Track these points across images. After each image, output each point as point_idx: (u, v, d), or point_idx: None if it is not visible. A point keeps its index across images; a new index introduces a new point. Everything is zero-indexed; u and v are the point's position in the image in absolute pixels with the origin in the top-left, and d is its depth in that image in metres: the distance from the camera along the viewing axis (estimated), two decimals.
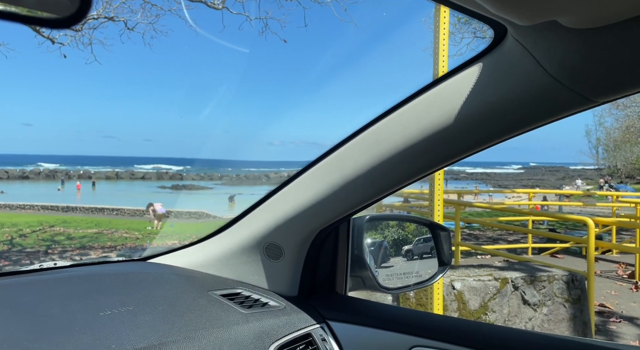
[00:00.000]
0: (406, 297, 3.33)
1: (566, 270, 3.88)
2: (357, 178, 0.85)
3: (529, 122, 0.69)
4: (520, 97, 0.66)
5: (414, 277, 1.26)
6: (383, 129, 0.81)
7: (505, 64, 0.66)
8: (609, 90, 0.62)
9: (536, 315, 3.57)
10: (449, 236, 1.24)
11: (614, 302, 4.83)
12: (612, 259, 7.26)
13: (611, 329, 4.07)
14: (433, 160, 0.78)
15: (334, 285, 1.04)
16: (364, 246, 1.10)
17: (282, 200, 0.96)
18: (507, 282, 3.59)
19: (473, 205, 6.40)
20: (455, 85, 0.72)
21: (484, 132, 0.72)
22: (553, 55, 0.60)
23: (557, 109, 0.66)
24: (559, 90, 0.63)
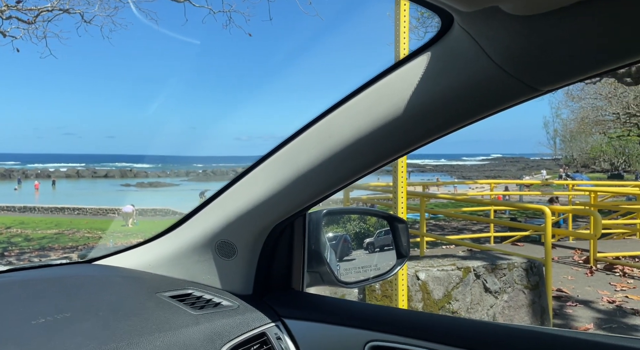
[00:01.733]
0: (372, 289, 3.36)
1: (525, 258, 4.01)
2: (310, 171, 0.83)
3: (478, 111, 0.69)
4: (468, 86, 0.66)
5: (372, 270, 1.26)
6: (335, 121, 0.80)
7: (453, 53, 0.66)
8: (552, 79, 0.62)
9: (497, 302, 3.68)
10: (406, 228, 1.24)
11: (571, 287, 5.04)
12: (569, 245, 7.57)
13: (568, 313, 4.25)
14: (385, 151, 0.77)
15: (290, 282, 1.03)
16: (321, 241, 1.09)
17: (233, 197, 0.93)
18: (469, 271, 3.68)
19: (437, 197, 6.53)
20: (404, 76, 0.71)
21: (434, 122, 0.72)
22: (497, 43, 0.60)
23: (504, 98, 0.66)
24: (504, 79, 0.63)
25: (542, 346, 0.77)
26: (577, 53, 0.57)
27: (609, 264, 5.90)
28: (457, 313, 3.54)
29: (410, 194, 7.74)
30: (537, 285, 3.85)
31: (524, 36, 0.57)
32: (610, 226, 7.82)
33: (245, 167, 0.94)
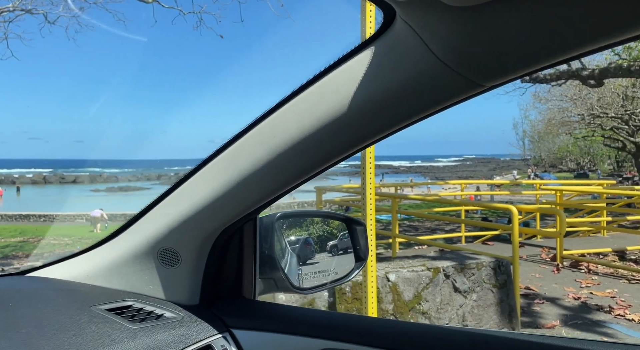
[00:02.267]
0: (342, 292, 3.33)
1: (493, 257, 4.06)
2: (254, 173, 0.79)
3: (423, 108, 0.67)
4: (411, 82, 0.63)
5: (331, 275, 1.23)
6: (279, 119, 0.76)
7: (396, 47, 0.63)
8: (495, 74, 0.60)
9: (466, 302, 3.71)
10: (364, 231, 1.21)
11: (538, 284, 5.14)
12: (538, 243, 7.75)
13: (535, 310, 4.32)
14: (333, 150, 0.74)
15: (241, 290, 0.98)
16: (274, 246, 1.05)
17: (175, 202, 0.88)
18: (439, 272, 3.70)
19: (408, 198, 6.57)
20: (348, 72, 0.68)
21: (380, 119, 0.69)
22: (438, 36, 0.58)
23: (448, 94, 0.64)
24: (447, 74, 0.61)
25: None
26: (519, 47, 0.55)
27: (575, 261, 6.06)
28: (427, 314, 3.56)
29: (383, 195, 7.76)
30: (505, 283, 3.90)
31: (464, 29, 0.55)
32: (576, 224, 8.04)
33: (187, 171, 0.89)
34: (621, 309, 4.19)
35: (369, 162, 3.10)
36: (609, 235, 8.27)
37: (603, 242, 7.72)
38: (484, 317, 3.74)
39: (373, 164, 3.15)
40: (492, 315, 3.78)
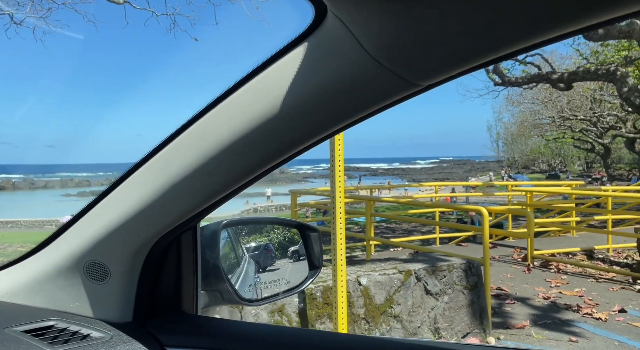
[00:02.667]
0: (313, 297, 3.28)
1: (464, 259, 4.08)
2: (186, 179, 0.73)
3: (361, 107, 0.63)
4: (346, 80, 0.59)
5: (284, 284, 1.18)
6: (210, 121, 0.71)
7: (329, 44, 0.59)
8: (429, 73, 0.56)
9: (438, 304, 3.71)
10: (318, 237, 1.17)
11: (510, 285, 5.20)
12: (510, 244, 7.86)
13: (506, 311, 4.36)
14: (268, 153, 0.69)
15: (180, 304, 0.92)
16: (220, 255, 0.99)
17: (102, 211, 0.81)
18: (410, 274, 3.68)
19: (382, 200, 6.59)
20: (280, 70, 0.64)
21: (315, 120, 0.64)
22: (369, 32, 0.54)
23: (385, 93, 0.60)
24: (381, 73, 0.57)
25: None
26: (450, 45, 0.52)
27: (545, 261, 6.16)
28: (399, 317, 3.54)
29: (357, 197, 7.77)
30: (476, 285, 3.92)
31: (394, 24, 0.51)
32: (547, 224, 8.20)
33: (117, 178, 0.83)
34: (589, 308, 4.26)
35: (338, 165, 3.07)
36: (578, 235, 8.46)
37: (572, 241, 7.89)
38: (456, 319, 3.75)
39: (342, 167, 3.11)
40: (463, 316, 3.79)
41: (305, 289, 3.27)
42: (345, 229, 3.02)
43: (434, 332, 3.64)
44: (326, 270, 3.63)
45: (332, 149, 3.05)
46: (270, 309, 3.02)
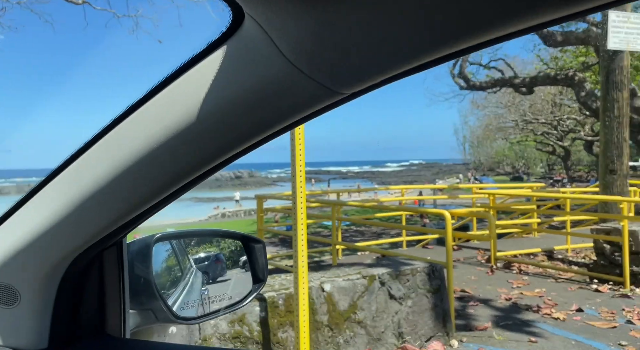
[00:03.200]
0: (275, 306, 3.21)
1: (427, 262, 4.10)
2: (100, 192, 0.67)
3: (283, 116, 0.58)
4: (266, 87, 0.55)
5: (226, 300, 1.12)
6: (125, 129, 0.65)
7: (247, 48, 0.54)
8: (350, 81, 0.52)
9: (402, 309, 3.71)
10: (263, 249, 1.12)
11: (473, 287, 5.27)
12: (475, 246, 7.99)
13: (470, 313, 4.41)
14: (189, 163, 0.64)
15: (104, 326, 0.84)
16: (152, 272, 0.92)
17: (11, 228, 0.74)
18: (374, 279, 3.67)
19: (348, 204, 6.58)
20: (198, 75, 0.59)
21: (237, 128, 0.60)
22: (287, 36, 0.49)
23: (307, 101, 0.56)
24: (301, 80, 0.52)
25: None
26: (369, 52, 0.48)
27: (508, 262, 6.29)
28: (362, 323, 3.51)
29: (323, 202, 7.74)
30: (439, 288, 3.94)
31: (312, 28, 0.47)
32: (509, 226, 8.40)
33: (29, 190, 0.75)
34: (548, 308, 4.36)
35: (299, 168, 3.02)
36: (540, 236, 8.70)
37: (534, 242, 8.11)
38: (419, 323, 3.76)
39: (303, 170, 3.07)
40: (427, 320, 3.81)
41: (267, 297, 3.20)
42: (307, 233, 2.98)
43: (397, 336, 3.64)
44: (290, 277, 3.58)
45: (292, 152, 3.00)
46: (230, 318, 2.94)
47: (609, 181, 6.35)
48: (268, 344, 3.05)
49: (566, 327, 3.93)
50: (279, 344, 3.11)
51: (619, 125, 6.21)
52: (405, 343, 3.58)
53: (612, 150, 6.27)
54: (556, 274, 5.83)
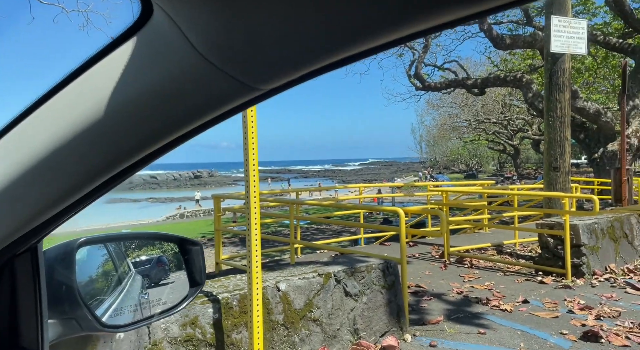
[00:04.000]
0: (230, 306, 3.17)
1: (382, 258, 4.16)
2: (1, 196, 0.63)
3: (198, 112, 0.56)
4: (178, 81, 0.53)
5: (160, 305, 1.08)
6: (28, 127, 0.61)
7: (157, 40, 0.52)
8: (266, 76, 0.51)
9: (357, 305, 3.75)
10: (201, 251, 1.09)
11: (428, 281, 5.41)
12: (430, 242, 8.21)
13: (423, 307, 4.52)
14: (100, 163, 0.60)
15: (17, 340, 0.79)
16: (75, 278, 0.88)
17: None
18: (330, 277, 3.69)
19: (306, 203, 6.60)
20: (104, 70, 0.56)
21: (149, 125, 0.57)
22: (197, 28, 0.48)
23: (222, 97, 0.54)
24: (213, 74, 0.51)
25: None
26: (288, 47, 0.47)
27: (460, 257, 6.49)
28: (318, 321, 3.52)
29: (280, 201, 7.71)
30: (394, 284, 4.02)
31: (221, 18, 0.45)
32: (462, 222, 8.68)
33: None
34: (496, 300, 4.53)
35: (252, 167, 2.99)
36: (490, 231, 9.05)
37: (485, 237, 8.42)
38: (374, 319, 3.81)
39: (257, 170, 3.04)
40: (381, 316, 3.87)
41: (221, 299, 3.15)
42: (268, 233, 2.95)
43: (353, 333, 3.67)
44: (245, 277, 3.53)
45: (245, 151, 2.97)
46: (182, 322, 2.87)
47: (553, 178, 6.69)
48: (222, 346, 3.00)
49: (513, 318, 4.11)
50: (233, 345, 3.06)
51: (561, 124, 6.56)
52: (360, 339, 3.63)
53: (555, 149, 6.62)
54: (505, 267, 6.08)
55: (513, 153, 39.84)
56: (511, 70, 16.72)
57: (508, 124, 33.50)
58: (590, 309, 4.22)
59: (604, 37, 12.41)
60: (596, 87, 19.08)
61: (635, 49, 11.79)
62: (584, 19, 6.94)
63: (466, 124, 36.93)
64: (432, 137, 64.39)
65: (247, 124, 2.85)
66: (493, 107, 32.22)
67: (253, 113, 2.89)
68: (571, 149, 7.40)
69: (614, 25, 13.78)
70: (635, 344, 3.47)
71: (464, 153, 64.98)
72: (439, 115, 41.31)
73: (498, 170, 57.90)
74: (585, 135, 12.95)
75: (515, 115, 30.84)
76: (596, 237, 5.59)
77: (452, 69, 18.28)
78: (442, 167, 70.96)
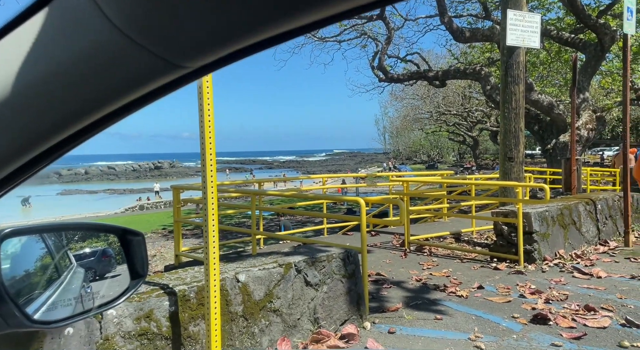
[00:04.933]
0: (187, 299, 3.10)
1: (343, 248, 4.19)
2: None
3: (118, 92, 0.52)
4: (95, 58, 0.49)
5: (98, 299, 1.04)
6: None
7: (71, 11, 0.48)
8: (191, 53, 0.48)
9: (317, 295, 3.76)
10: (142, 242, 1.05)
11: (388, 270, 5.50)
12: (391, 231, 8.35)
13: (383, 295, 4.59)
14: (3, 155, 0.56)
15: None
16: (0, 273, 0.82)
17: None
18: (290, 267, 3.68)
19: (268, 194, 6.55)
20: (11, 46, 0.51)
21: (65, 106, 0.53)
22: None
23: (143, 75, 0.50)
24: (132, 50, 0.47)
25: None
26: (209, 22, 0.44)
27: (420, 245, 6.64)
28: (278, 311, 3.51)
29: (242, 192, 7.62)
30: (354, 273, 4.06)
31: None
32: (422, 211, 8.87)
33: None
34: (453, 287, 4.67)
35: (209, 156, 2.92)
36: (450, 220, 9.30)
37: (444, 226, 8.65)
38: (334, 308, 3.84)
39: (214, 159, 2.97)
40: (342, 304, 3.90)
41: (177, 291, 3.08)
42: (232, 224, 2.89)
43: (313, 322, 3.69)
44: (203, 269, 3.47)
45: (202, 140, 2.89)
46: (136, 315, 2.78)
47: (508, 168, 6.92)
48: (178, 339, 2.94)
49: (468, 304, 4.24)
50: (191, 338, 3.01)
51: (516, 116, 6.78)
52: (320, 328, 3.65)
53: (510, 139, 6.84)
54: (462, 254, 6.26)
55: (472, 144, 41.02)
56: (470, 63, 17.12)
57: (468, 116, 34.42)
58: (540, 293, 4.41)
59: (557, 32, 12.89)
60: (550, 81, 19.86)
61: (586, 44, 12.32)
62: (538, 14, 7.17)
63: (428, 116, 37.66)
64: (395, 128, 65.38)
65: (203, 109, 2.76)
66: (454, 99, 32.99)
67: (211, 118, 2.81)
68: (526, 140, 7.66)
69: (566, 21, 14.34)
70: (580, 325, 3.66)
71: (426, 144, 66.39)
72: (401, 106, 41.92)
73: (458, 161, 59.50)
74: (539, 127, 13.47)
75: (475, 107, 31.71)
76: (547, 224, 5.85)
77: (414, 61, 18.52)
78: (404, 158, 72.24)
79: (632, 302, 4.17)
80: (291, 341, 3.48)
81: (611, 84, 16.82)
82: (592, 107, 13.06)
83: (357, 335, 3.60)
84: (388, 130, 73.81)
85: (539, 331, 3.60)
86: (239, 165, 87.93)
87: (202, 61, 0.50)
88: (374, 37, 17.45)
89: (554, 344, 3.35)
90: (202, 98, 2.71)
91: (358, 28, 17.26)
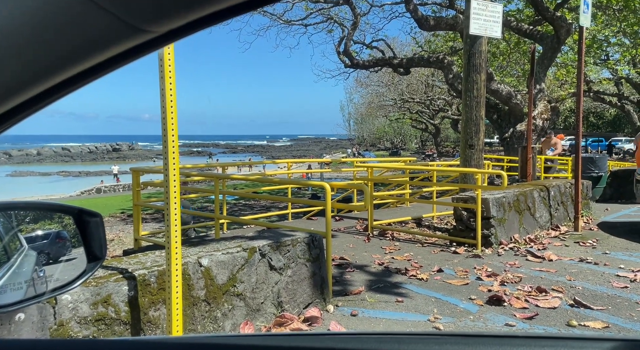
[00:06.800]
0: (147, 284, 3.03)
1: (308, 232, 4.19)
2: None
3: (77, 57, 0.48)
4: (42, 18, 0.44)
5: (52, 282, 0.99)
6: None
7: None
8: (155, 16, 0.44)
9: (282, 279, 3.76)
10: (100, 223, 1.00)
11: (351, 254, 5.56)
12: (355, 216, 8.44)
13: (346, 279, 4.65)
14: None
15: None
16: None
17: None
18: (255, 251, 3.65)
19: (232, 178, 6.45)
20: None
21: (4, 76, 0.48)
22: None
23: (104, 38, 0.46)
24: (87, 10, 0.43)
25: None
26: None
27: (382, 230, 6.75)
28: (242, 295, 3.49)
29: (206, 175, 7.48)
30: (318, 257, 4.08)
31: None
32: (385, 197, 9.01)
33: None
34: (414, 270, 4.78)
35: (171, 138, 2.83)
36: (412, 206, 9.50)
37: (406, 211, 8.83)
38: (298, 292, 3.86)
39: (176, 141, 2.88)
40: (305, 288, 3.92)
41: (137, 275, 3.00)
42: (195, 208, 2.82)
43: (277, 306, 3.69)
44: (164, 253, 3.39)
45: (164, 120, 2.79)
46: (93, 300, 2.69)
47: (468, 155, 7.11)
48: (138, 324, 2.87)
49: (428, 286, 4.36)
50: (151, 322, 2.95)
51: (477, 104, 6.94)
52: (283, 312, 3.65)
53: (471, 127, 7.01)
54: (423, 239, 6.42)
55: (434, 132, 41.89)
56: (434, 52, 17.34)
57: (430, 104, 35.04)
58: (496, 276, 4.59)
59: (517, 23, 13.23)
60: (509, 71, 20.45)
61: (543, 36, 12.72)
62: (500, 4, 7.32)
63: (392, 103, 38.07)
64: (360, 115, 65.79)
65: (165, 81, 2.65)
66: (417, 87, 33.45)
67: (173, 98, 2.70)
68: (485, 129, 7.90)
69: (525, 12, 14.74)
70: (532, 306, 3.84)
71: (390, 131, 67.25)
72: (366, 93, 42.21)
73: (420, 148, 60.72)
74: (498, 116, 13.88)
75: (437, 96, 32.30)
76: (504, 209, 6.07)
77: (379, 48, 18.58)
78: (369, 144, 73.02)
79: (580, 284, 4.41)
80: (254, 325, 3.47)
81: (565, 75, 17.52)
82: (547, 97, 13.57)
83: (320, 318, 3.63)
84: (353, 117, 74.21)
85: (494, 312, 3.75)
86: (201, 148, 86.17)
87: (168, 26, 0.46)
88: (340, 22, 17.35)
89: (508, 323, 3.51)
90: (163, 70, 2.60)
91: (324, 12, 17.10)
